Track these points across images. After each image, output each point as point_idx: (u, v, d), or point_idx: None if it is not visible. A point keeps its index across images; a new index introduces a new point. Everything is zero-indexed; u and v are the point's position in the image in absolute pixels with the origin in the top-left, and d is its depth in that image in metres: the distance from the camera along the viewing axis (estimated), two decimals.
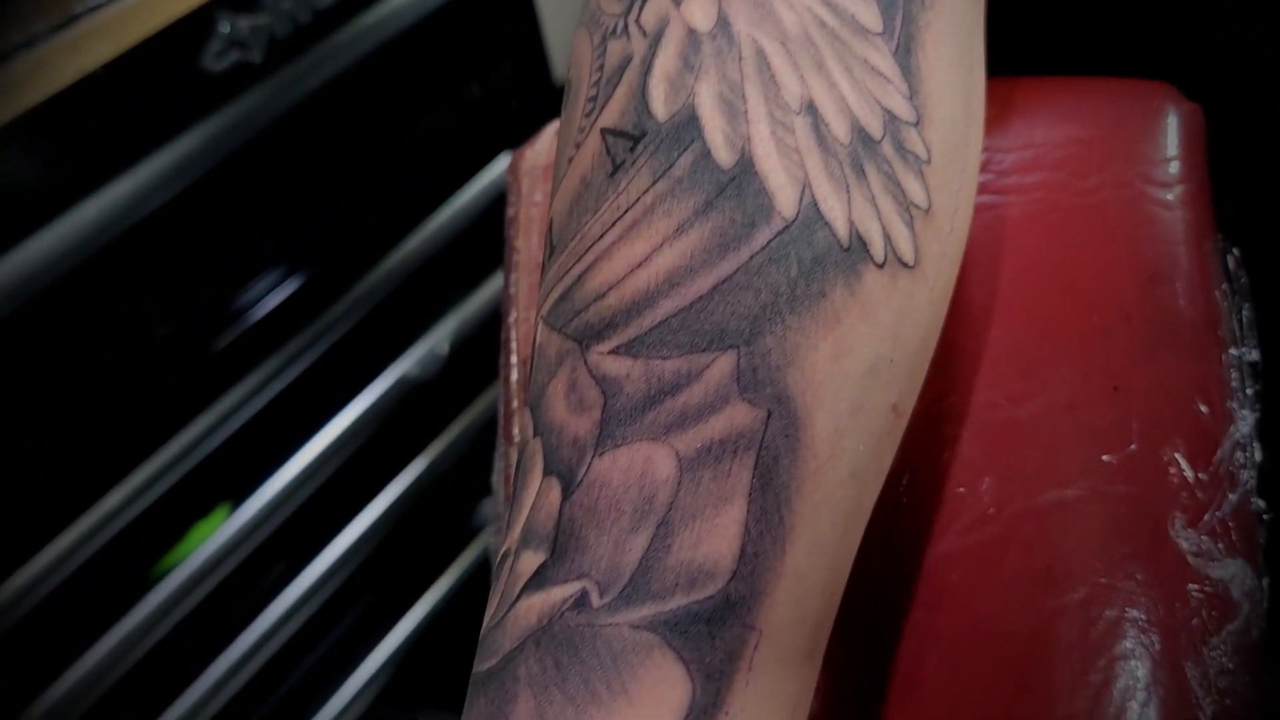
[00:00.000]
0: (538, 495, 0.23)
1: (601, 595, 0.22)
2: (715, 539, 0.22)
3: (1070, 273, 0.33)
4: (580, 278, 0.24)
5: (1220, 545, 0.31)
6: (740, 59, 0.24)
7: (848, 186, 0.24)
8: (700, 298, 0.23)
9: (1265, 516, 0.33)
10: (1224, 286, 0.34)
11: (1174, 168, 0.35)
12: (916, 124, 0.25)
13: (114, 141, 0.60)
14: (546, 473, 0.23)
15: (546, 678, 0.22)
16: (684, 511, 0.22)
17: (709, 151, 0.23)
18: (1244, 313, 0.35)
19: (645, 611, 0.22)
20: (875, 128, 0.24)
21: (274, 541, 0.76)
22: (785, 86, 0.24)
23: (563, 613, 0.22)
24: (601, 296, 0.23)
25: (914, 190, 0.25)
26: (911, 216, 0.25)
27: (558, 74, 0.83)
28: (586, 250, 0.24)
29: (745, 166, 0.23)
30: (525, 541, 0.23)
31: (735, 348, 0.23)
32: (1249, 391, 0.34)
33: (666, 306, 0.23)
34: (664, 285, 0.23)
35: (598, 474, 0.23)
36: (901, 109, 0.25)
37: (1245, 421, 0.33)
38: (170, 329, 0.68)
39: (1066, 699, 0.30)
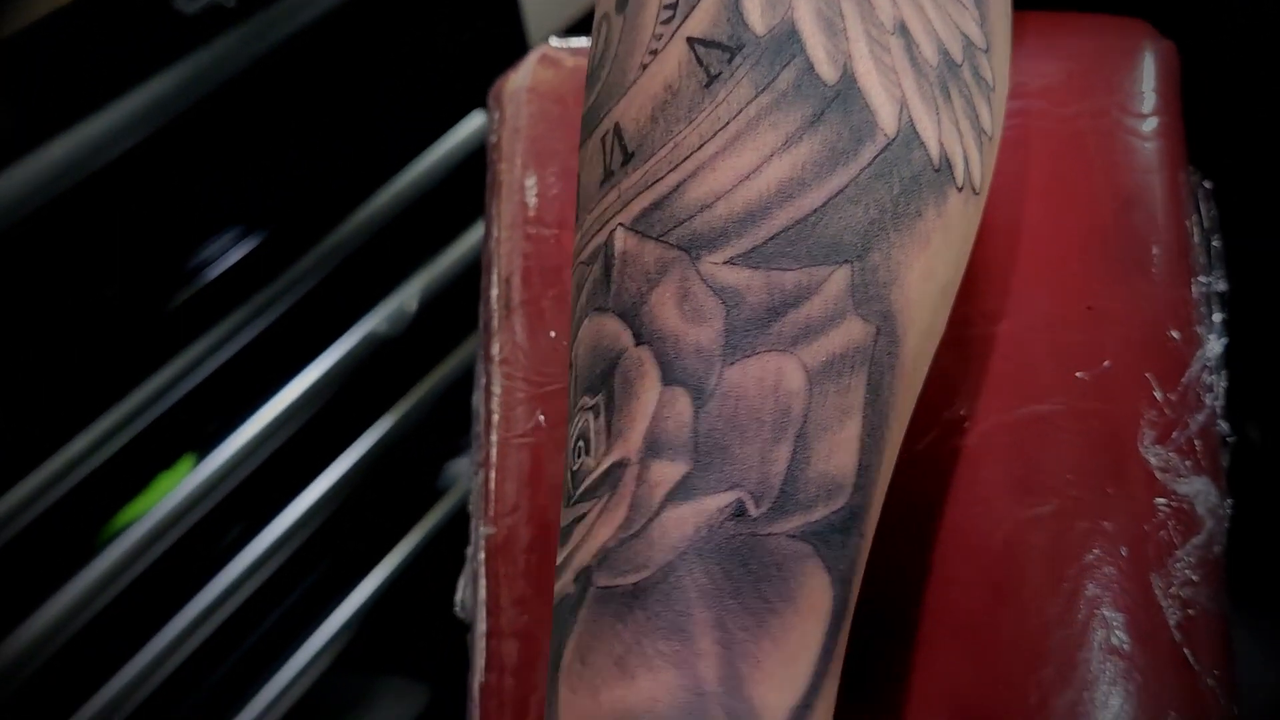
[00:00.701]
0: (660, 405, 0.23)
1: (757, 505, 0.23)
2: (842, 453, 0.23)
3: (1048, 196, 0.34)
4: (679, 187, 0.24)
5: (1187, 463, 0.32)
6: None
7: (938, 109, 0.24)
8: (815, 210, 0.23)
9: (1229, 440, 0.34)
10: (1195, 217, 0.35)
11: (1149, 101, 0.36)
12: (987, 51, 0.26)
13: (78, 83, 0.58)
14: (667, 382, 0.23)
15: (719, 589, 0.22)
16: (816, 424, 0.23)
17: (812, 66, 0.23)
18: (1214, 243, 0.36)
19: (797, 521, 0.23)
20: (957, 53, 0.25)
21: (238, 496, 0.75)
22: (879, 7, 0.24)
23: (721, 523, 0.22)
24: (708, 207, 0.23)
25: (984, 116, 0.26)
26: (981, 142, 0.26)
27: (531, 31, 0.83)
28: (683, 160, 0.24)
29: (849, 83, 0.24)
30: (654, 451, 0.23)
31: (849, 262, 0.23)
32: (1216, 319, 0.35)
33: (781, 218, 0.23)
34: (776, 197, 0.23)
35: (732, 384, 0.23)
36: (976, 35, 0.26)
37: (1213, 347, 0.34)
38: (128, 281, 0.67)
39: (1038, 605, 0.31)
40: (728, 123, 0.24)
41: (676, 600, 0.22)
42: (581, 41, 0.41)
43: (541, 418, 0.35)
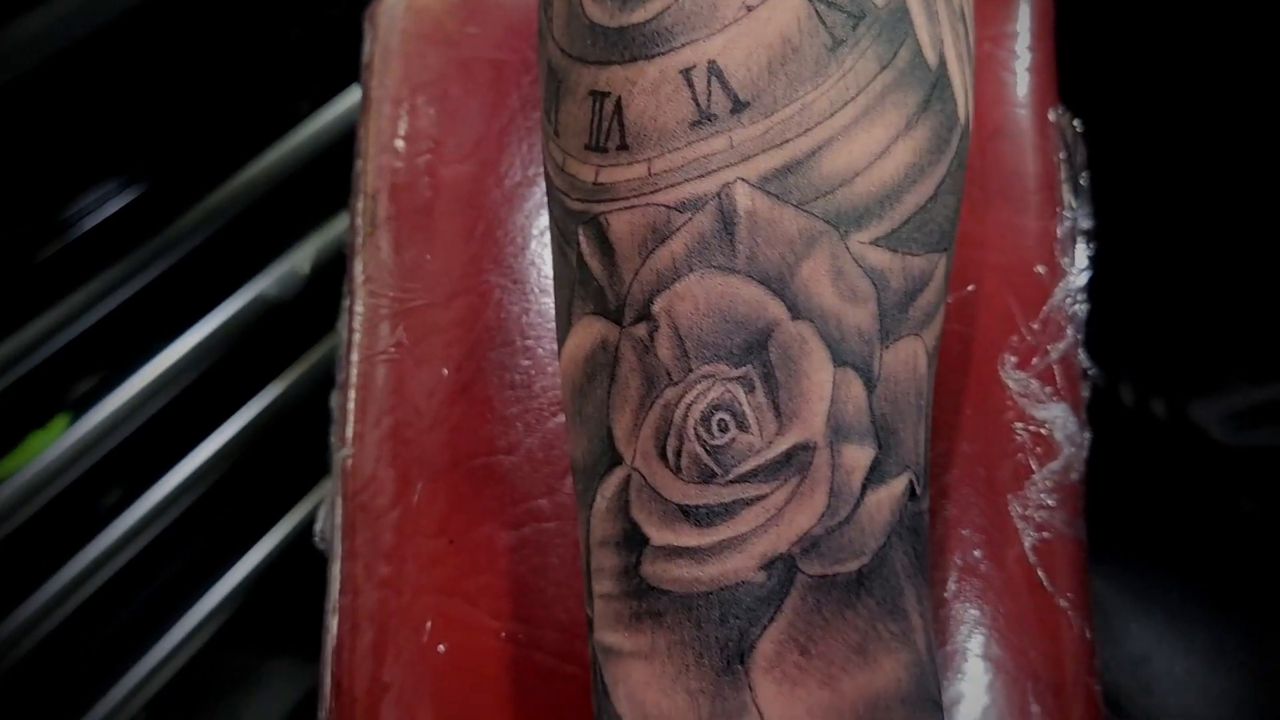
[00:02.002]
0: (837, 387, 0.23)
1: (918, 485, 0.24)
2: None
3: None
4: (815, 154, 0.23)
5: (1046, 389, 0.33)
6: None
7: (971, 87, 0.26)
8: (930, 197, 0.24)
9: (1089, 372, 0.35)
10: (1063, 154, 0.36)
11: (1023, 38, 0.36)
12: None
13: None
14: (839, 364, 0.23)
15: (914, 567, 0.24)
16: (931, 404, 0.25)
17: (920, 50, 0.24)
18: (1081, 181, 0.36)
19: (928, 497, 0.24)
20: (971, 24, 0.26)
21: (116, 459, 0.72)
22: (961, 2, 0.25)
23: (905, 505, 0.23)
24: (849, 182, 0.23)
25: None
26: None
27: None
28: (815, 125, 0.23)
29: (941, 70, 0.24)
30: (841, 435, 0.23)
31: (946, 251, 0.25)
32: (1081, 253, 0.35)
33: (910, 202, 0.24)
34: (905, 180, 0.23)
35: (890, 369, 0.23)
36: None
37: (1076, 279, 0.34)
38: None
39: None
40: (856, 95, 0.23)
41: (892, 583, 0.23)
42: None
43: (404, 335, 0.34)
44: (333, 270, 0.79)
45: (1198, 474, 0.52)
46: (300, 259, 0.80)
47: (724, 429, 0.23)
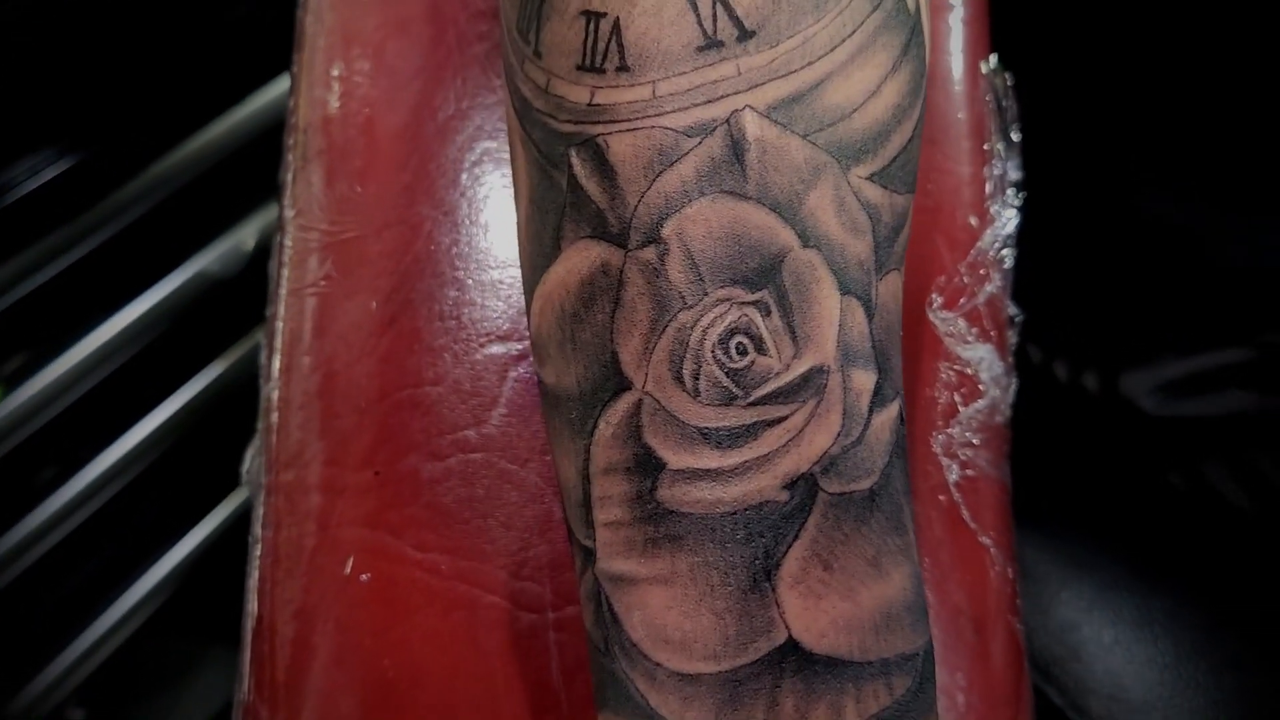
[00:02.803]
0: (844, 313, 0.24)
1: (904, 408, 0.25)
2: None
3: None
4: (818, 87, 0.23)
5: (973, 330, 0.33)
6: None
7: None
8: (910, 138, 0.25)
9: (1016, 319, 0.35)
10: (992, 104, 0.36)
11: None
12: None
13: None
14: (844, 292, 0.23)
15: (906, 485, 0.25)
16: (901, 335, 0.26)
17: None
18: (1012, 135, 0.36)
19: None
20: None
21: (48, 437, 0.70)
22: None
23: (898, 427, 0.24)
24: (848, 117, 0.24)
25: None
26: None
27: None
28: (818, 59, 0.23)
29: (918, 18, 0.25)
30: (850, 360, 0.24)
31: (912, 193, 0.25)
32: (1011, 200, 0.35)
33: (896, 142, 0.24)
34: (892, 120, 0.24)
35: (883, 299, 0.24)
36: None
37: (1004, 225, 0.35)
38: None
39: None
40: (853, 32, 0.24)
41: (895, 499, 0.24)
42: None
43: (332, 267, 0.33)
44: None
45: (1128, 447, 0.52)
46: (245, 235, 0.79)
47: (743, 352, 0.23)
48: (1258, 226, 0.47)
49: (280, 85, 0.78)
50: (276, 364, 0.33)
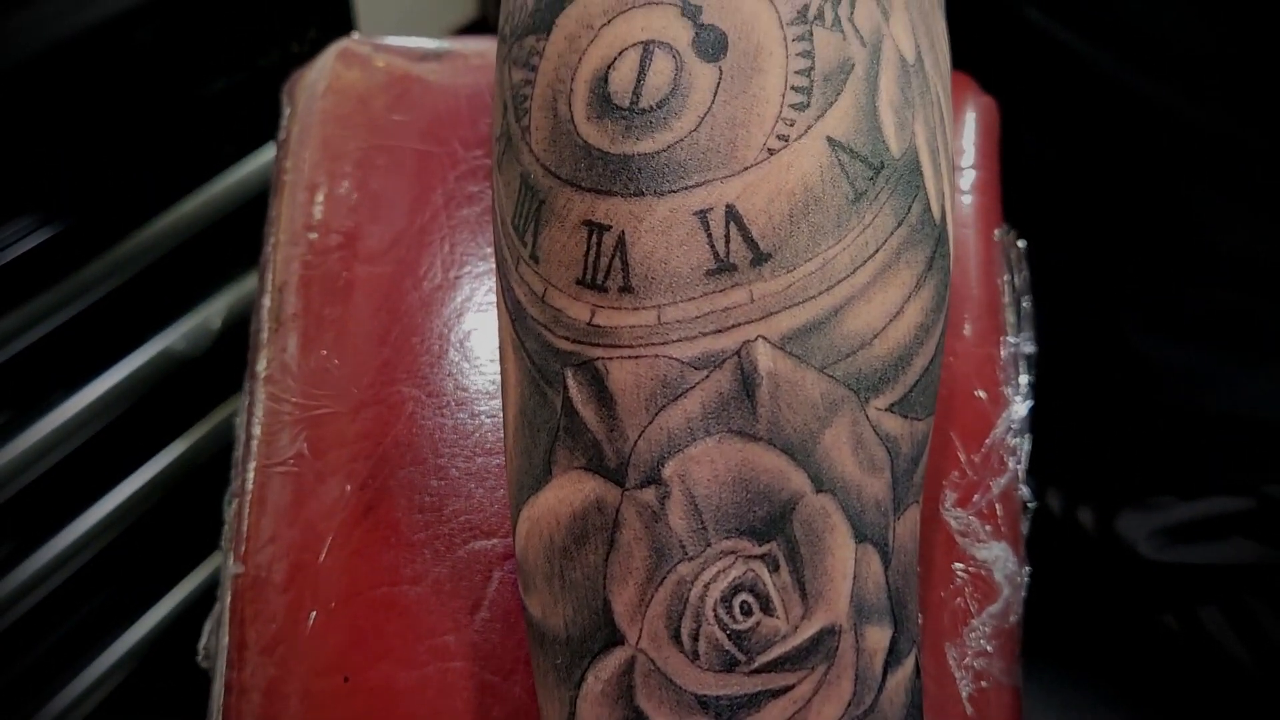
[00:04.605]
0: (859, 564, 0.22)
1: (920, 655, 0.24)
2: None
3: None
4: (836, 314, 0.22)
5: (987, 527, 0.31)
6: (934, 104, 0.24)
7: None
8: (932, 358, 0.23)
9: (1029, 505, 0.33)
10: (1006, 276, 0.35)
11: (967, 156, 0.35)
12: None
13: None
14: (859, 540, 0.22)
15: None
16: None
17: (929, 204, 0.23)
18: (1024, 304, 0.35)
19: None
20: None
21: (7, 515, 0.68)
22: (950, 141, 0.25)
23: (914, 681, 0.23)
24: (868, 344, 0.22)
25: None
26: None
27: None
28: (837, 283, 0.22)
29: (944, 227, 0.24)
30: (864, 616, 0.22)
31: (932, 415, 0.24)
32: (1023, 381, 0.34)
33: (918, 365, 0.23)
34: (914, 342, 0.23)
35: (901, 539, 0.23)
36: None
37: (1018, 409, 0.33)
38: None
39: None
40: (875, 251, 0.22)
41: None
42: (390, 40, 0.38)
43: (305, 446, 0.31)
44: (245, 328, 0.76)
45: (1122, 585, 0.51)
46: (212, 314, 0.78)
47: (747, 612, 0.21)
48: (1259, 375, 0.46)
49: (252, 163, 0.76)
50: (243, 544, 0.31)
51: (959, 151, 0.35)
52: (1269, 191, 0.42)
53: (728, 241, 0.22)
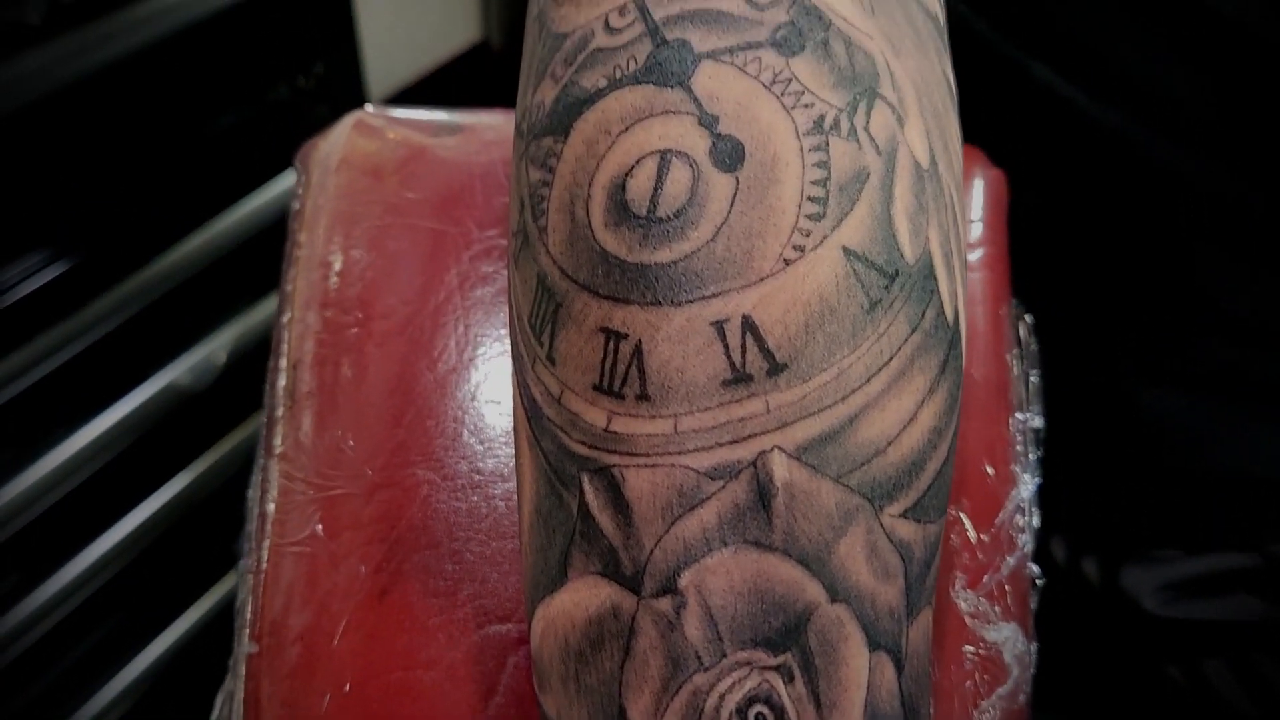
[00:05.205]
0: (873, 672, 0.22)
1: None
2: None
3: None
4: (851, 423, 0.22)
5: (996, 608, 0.31)
6: (948, 208, 0.24)
7: None
8: (944, 461, 0.23)
9: (1039, 582, 0.33)
10: (1015, 351, 0.35)
11: (976, 230, 0.35)
12: None
13: None
14: (873, 648, 0.22)
15: None
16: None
17: (943, 307, 0.23)
18: (1031, 379, 0.35)
19: None
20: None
21: (13, 548, 0.68)
22: (964, 240, 0.25)
23: None
24: (882, 452, 0.22)
25: None
26: None
27: (370, 84, 0.80)
28: (851, 392, 0.22)
29: (957, 329, 0.24)
30: None
31: (944, 515, 0.24)
32: (1031, 457, 0.34)
33: (931, 469, 0.23)
34: (927, 447, 0.23)
35: (914, 644, 0.23)
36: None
37: (1027, 486, 0.33)
38: None
39: None
40: (890, 359, 0.22)
41: None
42: (404, 112, 0.38)
43: (319, 527, 0.31)
44: (249, 362, 0.76)
45: (1126, 637, 0.51)
46: (217, 349, 0.78)
47: None
48: (1264, 433, 0.46)
49: (258, 198, 0.76)
50: (257, 624, 0.31)
51: (967, 225, 0.35)
52: (1273, 250, 0.42)
53: (744, 352, 0.22)
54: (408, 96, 0.89)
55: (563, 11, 0.26)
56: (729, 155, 0.22)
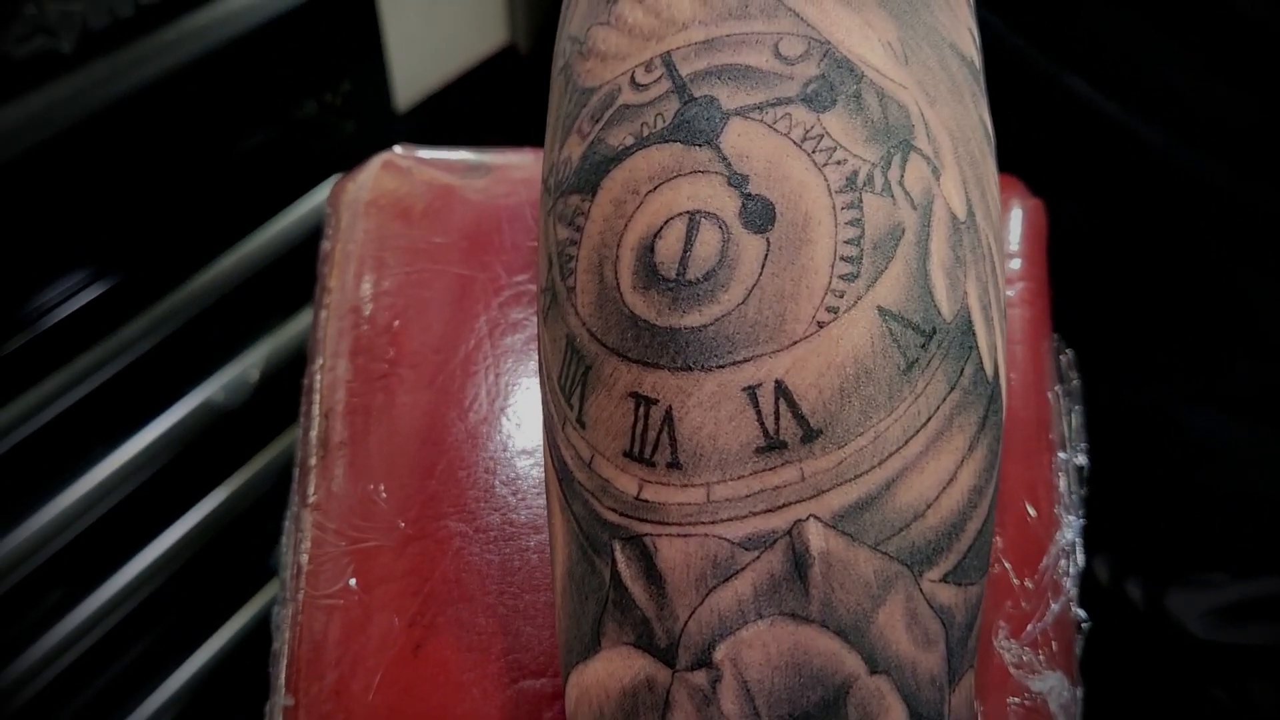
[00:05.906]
0: None
1: None
2: None
3: None
4: (889, 488, 0.21)
5: (1041, 657, 0.31)
6: (985, 258, 0.24)
7: None
8: (985, 520, 0.23)
9: (1084, 626, 0.33)
10: (1057, 388, 0.34)
11: (1015, 263, 0.34)
12: None
13: None
14: (914, 717, 0.21)
15: None
16: None
17: (981, 362, 0.23)
18: (1074, 416, 0.34)
19: None
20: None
21: (55, 565, 0.69)
22: (1003, 290, 0.24)
23: None
24: (921, 516, 0.22)
25: None
26: None
27: (398, 100, 0.80)
28: (889, 456, 0.21)
29: (997, 383, 0.23)
30: None
31: (985, 576, 0.24)
32: (1074, 496, 0.33)
33: (971, 530, 0.22)
34: (968, 507, 0.22)
35: (956, 711, 0.22)
36: None
37: (1071, 528, 0.33)
38: None
39: None
40: (928, 420, 0.22)
41: None
42: (432, 152, 0.38)
43: (353, 581, 0.31)
44: (282, 379, 0.76)
45: (1171, 660, 0.50)
46: (250, 365, 0.78)
47: None
48: None
49: (290, 216, 0.77)
50: (292, 676, 0.31)
51: (1004, 255, 0.34)
52: None
53: (777, 419, 0.21)
54: (435, 102, 0.89)
55: (588, 66, 0.25)
56: (759, 216, 0.22)
